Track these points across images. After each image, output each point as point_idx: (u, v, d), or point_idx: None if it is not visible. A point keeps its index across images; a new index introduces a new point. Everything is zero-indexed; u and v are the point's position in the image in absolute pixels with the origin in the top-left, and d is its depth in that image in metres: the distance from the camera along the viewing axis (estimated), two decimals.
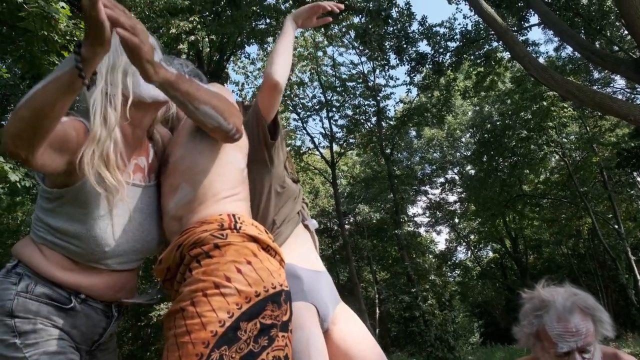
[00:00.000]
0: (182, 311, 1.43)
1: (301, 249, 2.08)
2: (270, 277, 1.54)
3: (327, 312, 1.99)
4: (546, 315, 1.85)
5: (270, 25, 15.08)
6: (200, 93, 1.48)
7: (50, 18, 6.11)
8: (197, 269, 1.49)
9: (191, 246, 1.53)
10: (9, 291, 1.53)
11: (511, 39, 10.56)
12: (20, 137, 1.29)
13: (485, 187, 23.13)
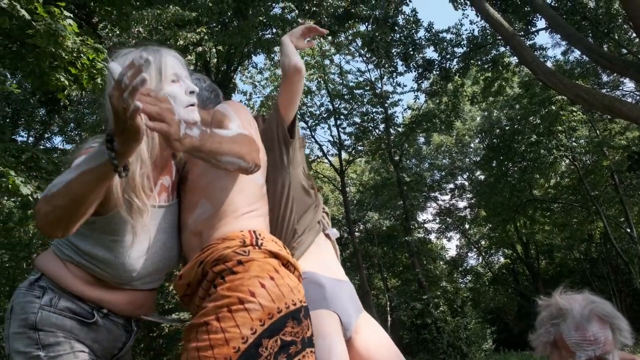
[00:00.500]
0: (206, 325, 1.46)
1: (323, 257, 2.08)
2: (291, 294, 1.57)
3: (349, 321, 1.98)
4: (563, 324, 1.81)
5: (276, 35, 15.15)
6: (222, 147, 1.47)
7: (57, 35, 6.16)
8: (222, 285, 1.52)
9: (214, 263, 1.56)
10: (33, 304, 1.55)
11: (518, 43, 10.55)
12: (58, 223, 1.31)
13: (495, 193, 23.03)
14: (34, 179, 7.64)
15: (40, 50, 6.29)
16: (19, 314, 1.56)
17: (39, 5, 6.15)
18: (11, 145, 8.07)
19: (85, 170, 1.25)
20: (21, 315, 1.56)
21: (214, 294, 1.51)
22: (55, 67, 6.51)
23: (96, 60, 6.80)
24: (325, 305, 1.89)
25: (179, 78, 1.64)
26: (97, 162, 1.24)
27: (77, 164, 1.25)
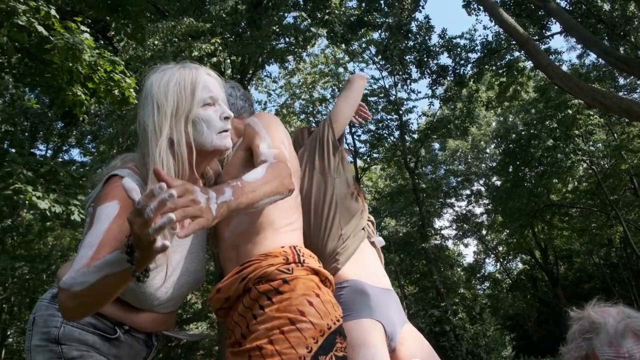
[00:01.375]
0: (260, 349, 1.45)
1: (368, 265, 2.07)
2: (334, 310, 1.58)
3: (394, 331, 1.97)
4: (596, 339, 1.72)
5: (290, 44, 15.22)
6: (256, 195, 1.40)
7: (74, 49, 6.25)
8: (270, 307, 1.51)
9: (257, 280, 1.55)
10: (56, 318, 1.57)
11: (533, 48, 10.49)
12: (85, 313, 1.33)
13: (513, 198, 22.84)
14: (52, 192, 7.73)
15: (57, 66, 6.38)
16: (41, 327, 1.57)
17: (55, 21, 6.25)
18: (30, 159, 8.19)
19: (107, 274, 1.23)
20: (43, 329, 1.56)
21: (262, 316, 1.50)
22: (72, 82, 6.59)
23: (113, 73, 6.89)
24: (370, 314, 1.88)
25: (214, 101, 1.60)
26: (118, 268, 1.21)
27: (99, 266, 1.23)
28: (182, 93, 1.53)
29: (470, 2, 16.57)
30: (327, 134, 2.17)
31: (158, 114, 1.50)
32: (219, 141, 1.57)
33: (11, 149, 9.42)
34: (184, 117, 1.53)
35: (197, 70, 1.61)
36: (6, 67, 7.61)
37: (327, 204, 2.06)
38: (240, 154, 1.80)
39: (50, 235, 17.47)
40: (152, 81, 1.56)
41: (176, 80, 1.55)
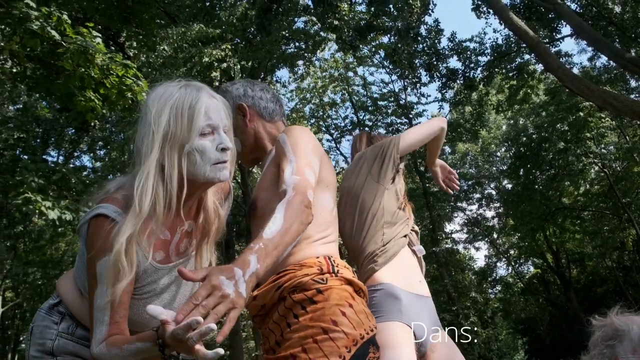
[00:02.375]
0: (294, 358, 1.49)
1: (404, 270, 2.13)
2: (367, 320, 1.61)
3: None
4: (619, 346, 1.70)
5: (299, 49, 15.25)
6: (278, 250, 1.40)
7: (87, 53, 6.30)
8: (304, 316, 1.55)
9: (292, 289, 1.59)
10: (51, 330, 1.57)
11: (544, 51, 10.46)
12: None
13: (524, 201, 22.73)
14: (63, 199, 7.77)
15: (69, 72, 6.43)
16: (38, 338, 1.59)
17: (67, 27, 6.30)
18: (42, 165, 8.24)
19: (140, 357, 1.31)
20: (39, 340, 1.58)
21: (296, 325, 1.54)
22: (84, 88, 6.64)
23: (125, 77, 6.93)
24: (399, 318, 1.93)
25: (213, 129, 1.50)
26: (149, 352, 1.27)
27: (133, 352, 1.29)
28: (178, 119, 1.44)
29: (480, 5, 16.55)
30: (392, 149, 2.31)
31: (152, 138, 1.42)
32: (212, 173, 1.49)
33: (23, 156, 9.50)
34: (178, 145, 1.44)
35: (198, 92, 1.51)
36: (20, 75, 7.69)
37: (374, 209, 2.19)
38: (273, 169, 1.82)
39: (62, 240, 17.57)
40: (152, 99, 1.49)
41: (175, 102, 1.46)
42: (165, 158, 1.43)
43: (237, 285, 1.23)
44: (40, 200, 7.18)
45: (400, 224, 2.21)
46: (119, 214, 1.41)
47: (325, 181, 1.83)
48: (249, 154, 2.05)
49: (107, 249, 1.36)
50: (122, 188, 1.50)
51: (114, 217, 1.40)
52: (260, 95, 2.07)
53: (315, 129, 21.49)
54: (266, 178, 1.84)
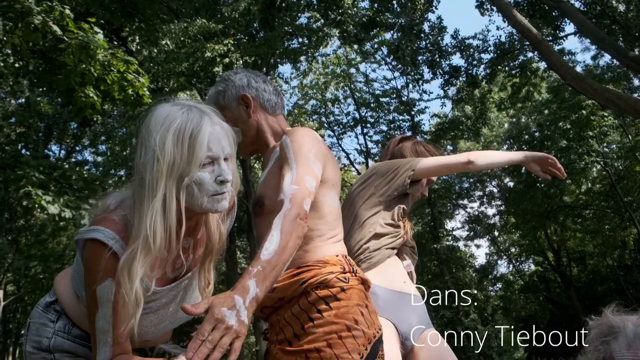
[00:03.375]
0: (318, 352, 1.57)
1: (387, 272, 2.21)
2: (377, 320, 1.72)
3: (408, 331, 2.09)
4: (614, 342, 1.67)
5: (302, 44, 15.23)
6: (277, 270, 1.44)
7: (89, 48, 6.30)
8: (328, 312, 1.64)
9: (317, 285, 1.67)
10: (47, 328, 1.58)
11: (547, 49, 10.43)
12: None
13: (525, 199, 22.72)
14: (64, 195, 7.77)
15: (70, 67, 6.43)
16: (34, 334, 1.60)
17: (70, 21, 6.30)
18: (44, 161, 8.24)
19: None
20: (35, 337, 1.59)
21: (320, 319, 1.62)
22: (84, 84, 6.64)
23: (127, 72, 6.93)
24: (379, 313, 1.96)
25: (214, 160, 1.46)
26: None
27: None
28: (178, 148, 1.40)
29: (484, 3, 16.48)
30: (405, 172, 2.34)
31: (156, 167, 1.38)
32: (209, 205, 1.47)
33: (25, 151, 9.50)
34: (177, 176, 1.41)
35: (201, 118, 1.46)
36: (23, 70, 7.68)
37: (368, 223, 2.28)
38: (278, 172, 1.82)
39: (64, 235, 17.60)
40: (154, 121, 1.44)
41: (177, 128, 1.41)
42: (166, 190, 1.41)
43: (238, 314, 1.28)
44: (40, 195, 7.18)
45: (389, 237, 2.27)
46: (116, 241, 1.41)
47: (331, 180, 1.86)
48: (249, 145, 2.03)
49: (107, 275, 1.38)
50: (121, 206, 1.48)
51: (111, 244, 1.40)
52: (264, 87, 2.05)
53: (317, 125, 21.49)
54: (273, 178, 1.84)
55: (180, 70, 12.70)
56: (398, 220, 2.34)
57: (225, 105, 1.98)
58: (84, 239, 1.43)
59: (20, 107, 15.85)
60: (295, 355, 1.60)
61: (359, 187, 2.41)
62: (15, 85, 12.49)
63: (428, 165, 2.34)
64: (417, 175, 2.33)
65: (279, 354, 1.65)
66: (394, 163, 2.40)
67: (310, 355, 1.58)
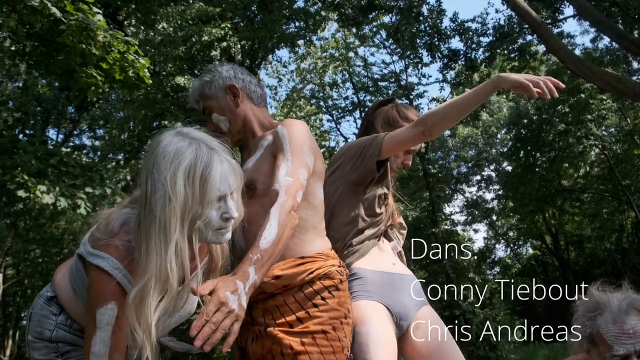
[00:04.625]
0: (325, 333, 1.74)
1: (373, 256, 2.20)
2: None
3: (402, 311, 2.10)
4: (600, 317, 1.76)
5: (300, 28, 15.13)
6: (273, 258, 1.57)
7: (89, 29, 6.26)
8: (331, 299, 1.81)
9: (323, 276, 1.82)
10: (50, 320, 1.62)
11: (546, 32, 10.38)
12: None
13: (523, 183, 22.74)
14: (60, 183, 7.76)
15: (70, 48, 6.40)
16: (36, 325, 1.64)
17: (67, 3, 6.25)
18: (41, 147, 8.22)
19: None
20: (37, 328, 1.63)
21: (325, 306, 1.79)
22: (85, 64, 6.61)
23: (127, 53, 6.90)
24: (367, 296, 2.03)
25: (222, 197, 1.49)
26: None
27: None
28: (190, 189, 1.41)
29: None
30: (371, 159, 2.17)
31: (168, 208, 1.39)
32: (213, 237, 1.54)
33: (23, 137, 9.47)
34: (189, 218, 1.44)
35: (210, 156, 1.47)
36: (19, 53, 7.64)
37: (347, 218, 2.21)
38: (270, 158, 1.91)
39: (62, 219, 17.61)
40: (162, 155, 1.43)
41: (187, 168, 1.42)
42: (179, 232, 1.43)
43: (239, 299, 1.40)
44: (35, 184, 7.18)
45: (371, 228, 2.24)
46: (120, 271, 1.44)
47: (319, 172, 1.97)
48: (235, 134, 2.08)
49: (110, 299, 1.42)
50: (124, 229, 1.51)
51: (115, 274, 1.43)
52: (249, 79, 2.12)
53: (315, 109, 21.44)
54: (265, 164, 1.92)
55: (178, 54, 12.64)
56: (380, 209, 2.28)
57: (212, 95, 2.05)
58: (88, 261, 1.47)
59: (18, 90, 15.79)
60: (300, 335, 1.72)
61: (331, 174, 2.29)
62: (13, 68, 12.43)
63: (390, 146, 2.16)
64: (383, 156, 2.18)
65: (279, 334, 1.72)
66: (360, 144, 2.23)
67: (316, 336, 1.72)
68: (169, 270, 1.39)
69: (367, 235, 2.20)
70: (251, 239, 1.74)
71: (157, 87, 12.74)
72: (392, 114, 2.43)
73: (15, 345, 22.16)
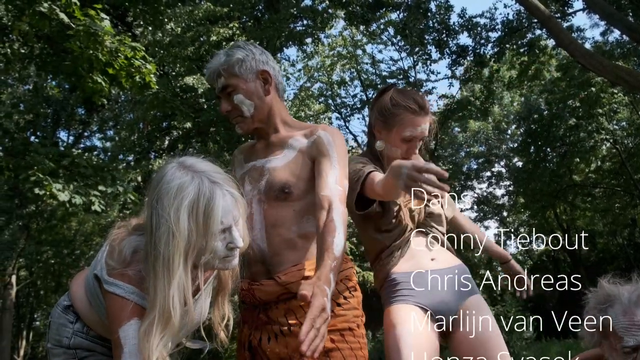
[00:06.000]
0: (351, 330, 1.81)
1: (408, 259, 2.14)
2: None
3: (442, 309, 2.05)
4: (611, 309, 1.78)
5: (308, 26, 15.13)
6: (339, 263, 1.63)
7: (96, 35, 6.29)
8: (352, 299, 1.87)
9: (345, 278, 1.88)
10: (67, 328, 1.66)
11: (555, 26, 10.32)
12: None
13: (534, 179, 22.60)
14: (73, 181, 7.83)
15: (77, 53, 6.44)
16: (55, 333, 1.68)
17: (76, 9, 6.29)
18: (53, 149, 8.29)
19: None
20: (56, 336, 1.67)
21: (347, 305, 1.85)
22: (92, 70, 6.65)
23: (134, 59, 6.93)
24: (402, 300, 2.02)
25: (226, 229, 1.50)
26: None
27: None
28: (193, 224, 1.42)
29: None
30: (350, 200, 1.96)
31: (172, 243, 1.41)
32: (221, 265, 1.55)
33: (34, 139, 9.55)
34: (195, 252, 1.46)
35: (213, 190, 1.47)
36: (29, 55, 7.70)
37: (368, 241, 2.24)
38: (307, 163, 1.89)
39: (74, 220, 17.73)
40: (167, 190, 1.44)
41: (190, 204, 1.42)
42: (183, 267, 1.45)
43: (329, 301, 1.46)
44: (50, 182, 7.24)
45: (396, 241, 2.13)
46: (137, 294, 1.47)
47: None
48: (256, 122, 1.98)
49: (132, 316, 1.44)
50: (136, 258, 1.52)
51: (132, 298, 1.47)
52: (278, 69, 2.03)
53: (324, 107, 21.43)
54: (301, 168, 1.89)
55: (186, 55, 12.68)
56: (397, 222, 2.14)
57: (241, 75, 1.92)
58: (105, 289, 1.50)
59: (29, 93, 15.90)
60: (329, 333, 1.71)
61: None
62: (23, 71, 12.52)
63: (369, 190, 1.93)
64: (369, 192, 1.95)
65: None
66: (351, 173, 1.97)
67: (344, 333, 1.78)
68: (172, 308, 1.40)
69: (393, 248, 2.13)
70: (278, 242, 1.82)
71: (166, 87, 12.79)
72: (385, 103, 2.19)
73: (29, 345, 22.35)
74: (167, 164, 1.52)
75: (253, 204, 1.90)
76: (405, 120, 2.12)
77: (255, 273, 1.89)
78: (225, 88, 1.93)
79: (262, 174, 1.92)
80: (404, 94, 2.22)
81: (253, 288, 1.86)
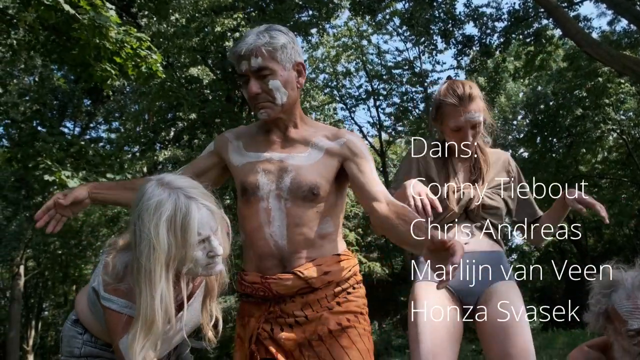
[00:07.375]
0: (362, 314, 1.92)
1: None
2: None
3: (467, 291, 2.12)
4: (615, 294, 1.82)
5: (313, 16, 15.09)
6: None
7: (101, 26, 6.30)
8: (358, 290, 1.97)
9: (353, 273, 1.97)
10: (77, 339, 1.83)
11: (562, 15, 10.27)
12: None
13: (540, 169, 22.53)
14: (81, 170, 7.89)
15: (84, 42, 6.45)
16: (66, 345, 1.85)
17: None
18: (60, 138, 8.35)
19: None
20: (67, 348, 1.84)
21: (354, 295, 1.94)
22: (99, 58, 6.67)
23: (139, 49, 6.94)
24: (424, 278, 2.14)
25: (205, 239, 1.60)
26: None
27: None
28: (172, 237, 1.53)
29: None
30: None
31: (153, 256, 1.52)
32: (204, 272, 1.65)
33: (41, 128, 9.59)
34: (175, 263, 1.57)
35: (189, 204, 1.56)
36: (34, 45, 7.70)
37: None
38: (334, 164, 1.93)
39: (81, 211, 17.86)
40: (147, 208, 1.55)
41: (168, 219, 1.53)
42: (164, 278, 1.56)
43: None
44: (60, 169, 7.31)
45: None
46: (130, 308, 1.62)
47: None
48: (282, 113, 1.91)
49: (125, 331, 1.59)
50: (127, 272, 1.64)
51: (125, 312, 1.63)
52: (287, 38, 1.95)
53: (329, 98, 21.40)
54: (328, 170, 1.91)
55: (191, 46, 12.68)
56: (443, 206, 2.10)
57: (280, 62, 1.86)
58: (101, 303, 1.67)
59: (35, 83, 15.94)
60: (345, 314, 1.85)
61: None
62: (29, 62, 12.56)
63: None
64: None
65: (324, 315, 1.83)
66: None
67: (358, 315, 1.89)
68: (155, 315, 1.52)
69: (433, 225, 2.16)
70: (299, 240, 1.86)
71: (171, 78, 12.80)
72: (435, 98, 2.35)
73: (37, 335, 22.53)
74: (147, 181, 1.63)
75: (270, 199, 1.86)
76: (447, 112, 2.27)
77: (267, 267, 1.87)
78: (261, 69, 1.83)
79: (285, 171, 1.88)
80: (448, 87, 2.29)
81: (269, 282, 1.84)
